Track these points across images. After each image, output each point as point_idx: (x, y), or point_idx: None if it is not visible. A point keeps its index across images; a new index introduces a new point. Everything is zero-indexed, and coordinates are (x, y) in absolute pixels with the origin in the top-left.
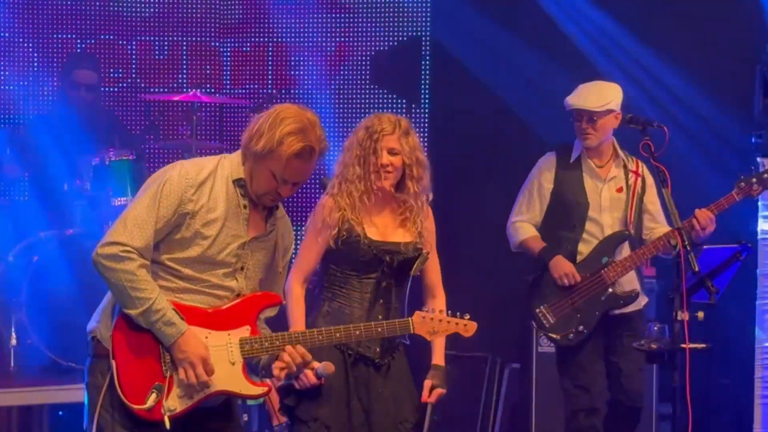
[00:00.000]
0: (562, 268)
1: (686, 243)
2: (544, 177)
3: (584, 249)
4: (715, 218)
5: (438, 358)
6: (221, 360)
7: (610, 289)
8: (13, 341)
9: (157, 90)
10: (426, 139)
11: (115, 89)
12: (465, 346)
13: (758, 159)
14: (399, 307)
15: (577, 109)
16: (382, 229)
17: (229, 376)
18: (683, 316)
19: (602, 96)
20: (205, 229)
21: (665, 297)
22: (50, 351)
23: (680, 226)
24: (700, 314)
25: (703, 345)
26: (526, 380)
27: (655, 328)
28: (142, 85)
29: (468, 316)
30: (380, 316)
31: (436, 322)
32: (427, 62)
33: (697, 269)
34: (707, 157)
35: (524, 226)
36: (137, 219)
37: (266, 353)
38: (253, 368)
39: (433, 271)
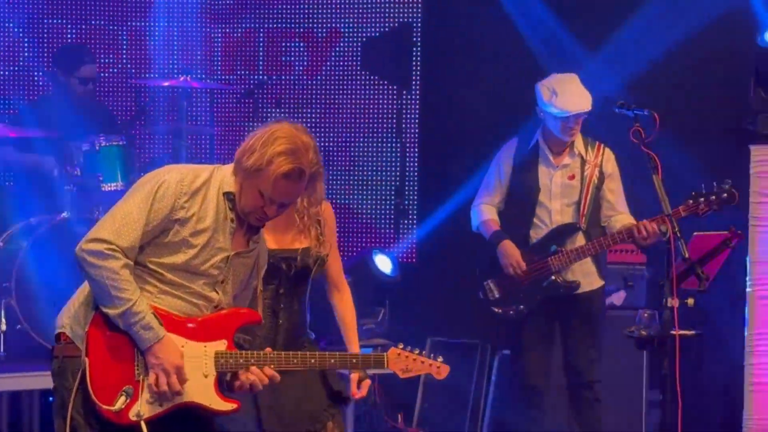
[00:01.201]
0: (507, 256)
1: (676, 230)
2: (503, 161)
3: (534, 233)
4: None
5: (355, 347)
6: (194, 371)
7: (553, 277)
8: (3, 326)
9: (147, 75)
10: (417, 126)
11: (106, 75)
12: (455, 333)
13: (750, 147)
14: (300, 308)
15: (575, 115)
16: (279, 236)
17: (200, 389)
18: (673, 302)
19: (587, 94)
20: (193, 238)
21: (655, 284)
22: (40, 336)
23: (670, 213)
24: (690, 301)
25: (693, 332)
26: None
27: (645, 314)
28: (133, 70)
29: (441, 359)
30: (281, 321)
31: (411, 360)
32: (418, 48)
33: (687, 256)
34: (699, 145)
35: (484, 208)
36: (127, 218)
37: (238, 369)
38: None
39: (334, 266)
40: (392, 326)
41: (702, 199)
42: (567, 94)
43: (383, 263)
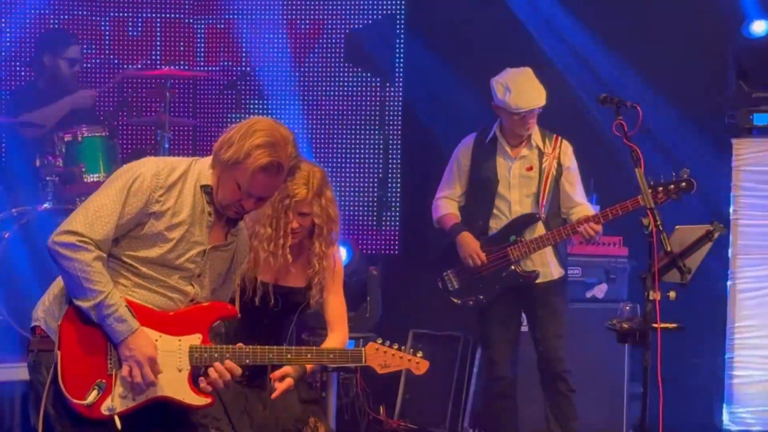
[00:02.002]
0: (466, 248)
1: (658, 223)
2: (462, 155)
3: (494, 224)
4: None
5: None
6: (168, 365)
7: (512, 267)
8: None
9: (130, 66)
10: (399, 118)
11: (89, 65)
12: (438, 326)
13: (732, 140)
14: (277, 341)
15: (529, 111)
16: (275, 271)
17: (174, 383)
18: (655, 295)
19: (541, 88)
20: (168, 232)
21: (637, 276)
22: (22, 328)
23: (652, 206)
24: (672, 294)
25: (675, 325)
26: None
27: (627, 307)
28: (116, 61)
29: (421, 354)
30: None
31: (389, 356)
32: (402, 41)
33: (669, 249)
34: (681, 139)
35: (444, 202)
36: (100, 210)
37: (213, 363)
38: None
39: (334, 309)
40: (374, 318)
41: (660, 188)
42: (520, 91)
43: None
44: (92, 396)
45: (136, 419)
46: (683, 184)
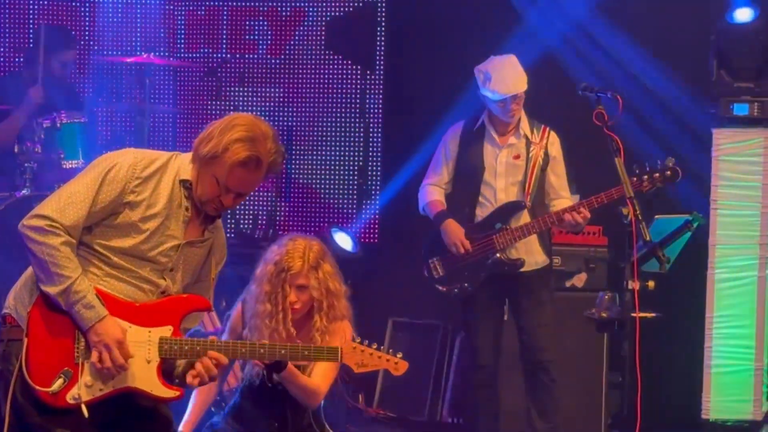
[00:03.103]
0: (451, 236)
1: (638, 212)
2: (450, 142)
3: (480, 211)
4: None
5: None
6: (137, 357)
7: (498, 254)
8: None
9: (110, 53)
10: (380, 106)
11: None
12: (417, 314)
13: (713, 130)
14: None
15: (508, 98)
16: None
17: (142, 374)
18: (634, 285)
19: (522, 74)
20: (142, 223)
21: (616, 266)
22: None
23: (632, 196)
24: (651, 283)
25: (654, 314)
26: None
27: (606, 297)
28: (96, 47)
29: (401, 355)
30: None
31: (366, 355)
32: (383, 28)
33: (648, 238)
34: (661, 129)
35: (430, 189)
36: (73, 196)
37: (185, 357)
38: (170, 373)
39: (318, 372)
40: (353, 306)
41: (645, 177)
42: (500, 78)
43: (343, 240)
44: (57, 384)
45: (104, 411)
46: (668, 172)
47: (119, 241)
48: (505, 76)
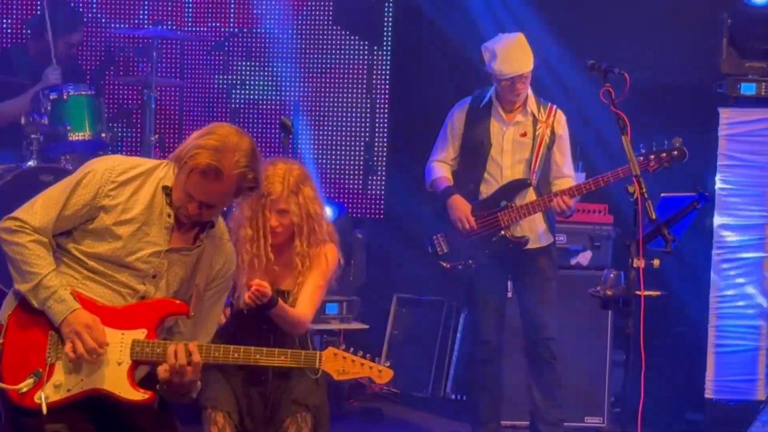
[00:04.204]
0: (457, 210)
1: (644, 191)
2: (456, 119)
3: (485, 188)
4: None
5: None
6: (109, 358)
7: (502, 232)
8: None
9: (117, 25)
10: (387, 82)
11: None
12: (422, 290)
13: (719, 109)
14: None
15: (515, 77)
16: (264, 274)
17: (111, 376)
18: (639, 263)
19: (528, 53)
20: (116, 228)
21: (621, 244)
22: (6, 287)
23: (638, 174)
24: (656, 262)
25: (658, 292)
26: None
27: (611, 274)
28: (103, 20)
29: (388, 364)
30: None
31: (348, 362)
32: (390, 4)
33: (654, 217)
34: (668, 107)
35: (437, 165)
36: (45, 200)
37: (158, 359)
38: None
39: (303, 300)
40: (359, 282)
41: (652, 156)
42: (506, 57)
43: None
44: (26, 384)
45: (75, 416)
46: (675, 152)
47: (95, 246)
48: (510, 56)
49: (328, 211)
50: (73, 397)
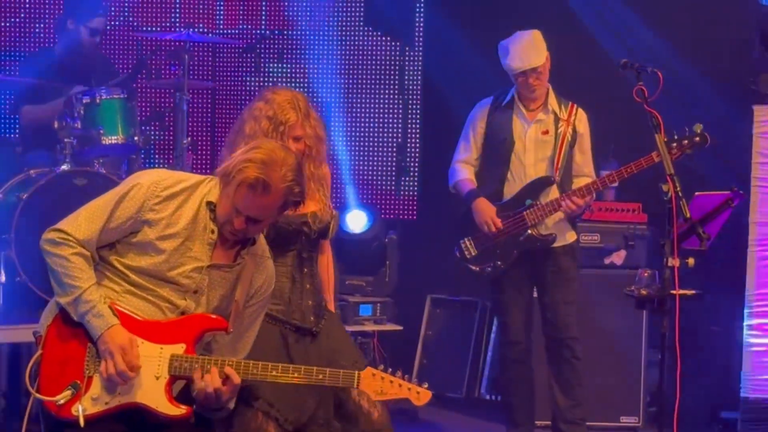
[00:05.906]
0: (482, 214)
1: (678, 189)
2: (478, 119)
3: (508, 188)
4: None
5: (330, 306)
6: (146, 372)
7: (529, 231)
8: (2, 278)
9: (149, 29)
10: (419, 83)
11: (109, 27)
12: (456, 291)
13: (753, 107)
14: (318, 270)
15: (526, 71)
16: None
17: (149, 390)
18: (674, 262)
19: (539, 49)
20: (160, 242)
21: (656, 243)
22: (39, 289)
23: (672, 173)
24: (691, 261)
25: (693, 292)
26: None
27: (645, 274)
28: (135, 23)
29: (426, 385)
30: (307, 285)
31: (387, 383)
32: (422, 4)
33: (688, 215)
34: (702, 105)
35: (460, 167)
36: (91, 212)
37: (195, 374)
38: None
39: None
40: (393, 283)
41: (674, 144)
42: (516, 52)
43: (355, 220)
44: (63, 395)
45: (112, 429)
46: (697, 138)
47: (138, 260)
48: (521, 51)
49: (363, 218)
50: (111, 411)
